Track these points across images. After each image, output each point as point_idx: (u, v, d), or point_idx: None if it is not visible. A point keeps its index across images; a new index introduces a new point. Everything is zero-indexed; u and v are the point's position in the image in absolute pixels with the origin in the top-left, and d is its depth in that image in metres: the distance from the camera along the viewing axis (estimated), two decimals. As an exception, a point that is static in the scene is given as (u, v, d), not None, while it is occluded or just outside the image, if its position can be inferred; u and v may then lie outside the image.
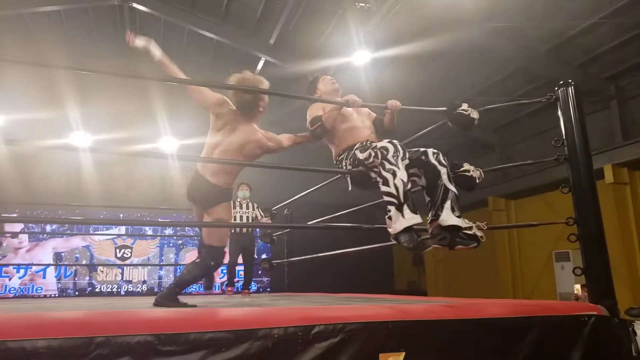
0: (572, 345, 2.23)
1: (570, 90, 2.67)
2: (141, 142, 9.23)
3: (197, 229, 10.01)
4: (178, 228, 8.98)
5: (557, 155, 2.64)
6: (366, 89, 6.78)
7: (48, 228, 10.11)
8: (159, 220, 10.32)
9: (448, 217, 2.29)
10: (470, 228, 2.42)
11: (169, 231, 9.29)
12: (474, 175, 2.38)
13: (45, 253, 10.20)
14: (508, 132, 9.88)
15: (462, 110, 2.61)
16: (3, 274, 10.06)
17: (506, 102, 3.74)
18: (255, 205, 5.97)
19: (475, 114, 2.64)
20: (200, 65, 7.50)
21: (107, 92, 7.63)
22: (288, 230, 5.77)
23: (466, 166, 2.42)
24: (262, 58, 7.35)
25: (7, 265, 9.95)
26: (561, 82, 2.66)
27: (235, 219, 5.68)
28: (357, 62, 6.59)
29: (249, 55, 7.42)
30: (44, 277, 10.25)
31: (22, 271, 10.16)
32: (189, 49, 7.48)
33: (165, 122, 7.52)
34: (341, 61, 6.72)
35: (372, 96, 7.01)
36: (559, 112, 2.67)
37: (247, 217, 5.76)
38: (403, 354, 1.93)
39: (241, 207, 5.84)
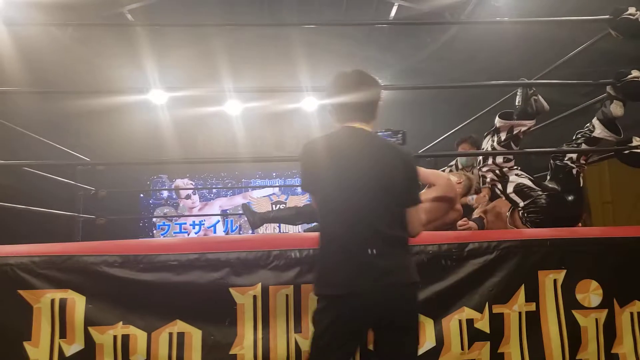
0: None
1: None
2: (287, 104, 9.79)
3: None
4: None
5: None
6: (508, 21, 6.25)
7: (214, 190, 11.43)
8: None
9: None
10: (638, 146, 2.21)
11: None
12: (643, 80, 2.14)
13: (213, 211, 11.54)
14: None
15: (628, 14, 2.33)
16: (182, 230, 11.70)
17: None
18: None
19: (644, 18, 2.34)
20: (335, 19, 7.61)
21: (253, 63, 8.15)
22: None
23: (635, 72, 2.18)
24: (396, 4, 7.18)
25: (184, 222, 11.49)
26: None
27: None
28: (498, -10, 6.09)
29: (381, 2, 7.31)
30: (215, 232, 11.65)
31: (197, 227, 11.67)
32: (322, 5, 7.63)
33: (307, 82, 7.82)
34: (480, -8, 6.27)
35: (515, 28, 6.45)
36: None
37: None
38: (564, 271, 1.89)
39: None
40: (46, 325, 1.70)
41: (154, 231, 11.23)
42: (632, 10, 2.32)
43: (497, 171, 2.48)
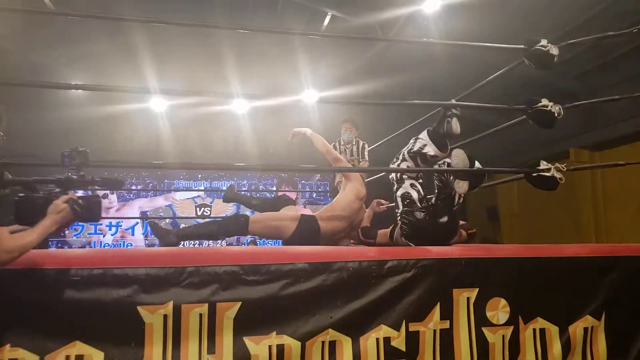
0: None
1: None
2: (214, 105, 9.55)
3: (273, 189, 10.30)
4: (253, 187, 9.37)
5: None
6: (437, 39, 6.52)
7: (133, 189, 10.88)
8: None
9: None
10: (548, 169, 2.34)
11: (244, 190, 9.75)
12: (552, 110, 2.28)
13: (132, 212, 10.98)
14: (594, 78, 9.12)
15: (540, 46, 2.48)
16: (97, 231, 11.01)
17: (591, 38, 3.42)
18: (362, 144, 4.48)
19: (554, 50, 2.50)
20: (267, 23, 7.55)
21: (181, 61, 7.89)
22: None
23: (544, 101, 2.32)
24: (329, 13, 7.26)
25: (100, 223, 10.84)
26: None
27: (336, 176, 4.29)
28: (427, 9, 6.33)
29: (315, 11, 7.36)
30: (133, 234, 11.08)
31: (113, 229, 11.05)
32: (255, 9, 7.54)
33: (237, 86, 7.69)
34: (410, 10, 6.48)
35: (441, 47, 6.75)
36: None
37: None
38: (477, 290, 1.95)
39: (345, 155, 4.33)
40: None
41: (66, 231, 10.48)
42: (544, 42, 2.46)
43: (397, 175, 2.59)
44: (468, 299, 1.92)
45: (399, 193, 2.54)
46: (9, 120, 1.94)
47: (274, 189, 10.65)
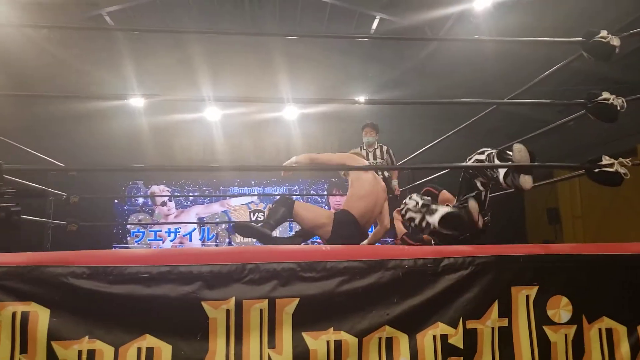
0: None
1: None
2: (267, 112, 9.79)
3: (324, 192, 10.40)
4: (304, 192, 9.58)
5: None
6: (485, 39, 6.38)
7: (190, 197, 11.29)
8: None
9: None
10: (611, 165, 2.25)
11: (296, 195, 9.92)
12: (614, 103, 2.19)
13: (190, 219, 11.38)
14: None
15: (600, 37, 2.39)
16: (157, 238, 11.49)
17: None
18: (386, 149, 4.88)
19: (615, 41, 2.40)
20: (316, 30, 7.67)
21: (234, 70, 8.14)
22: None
23: (605, 94, 2.24)
24: (377, 17, 7.28)
25: (159, 229, 11.31)
26: None
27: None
28: (477, 7, 6.22)
29: (363, 15, 7.40)
30: (190, 239, 11.48)
31: (172, 235, 11.49)
32: (303, 16, 7.68)
33: (287, 93, 7.86)
34: (460, 9, 6.39)
35: (494, 45, 6.60)
36: None
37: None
38: (536, 287, 1.91)
39: (367, 158, 4.66)
40: (6, 340, 1.62)
41: (128, 238, 11.01)
42: (603, 33, 2.38)
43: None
44: (527, 296, 1.88)
45: (435, 220, 2.55)
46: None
47: (325, 193, 10.75)
